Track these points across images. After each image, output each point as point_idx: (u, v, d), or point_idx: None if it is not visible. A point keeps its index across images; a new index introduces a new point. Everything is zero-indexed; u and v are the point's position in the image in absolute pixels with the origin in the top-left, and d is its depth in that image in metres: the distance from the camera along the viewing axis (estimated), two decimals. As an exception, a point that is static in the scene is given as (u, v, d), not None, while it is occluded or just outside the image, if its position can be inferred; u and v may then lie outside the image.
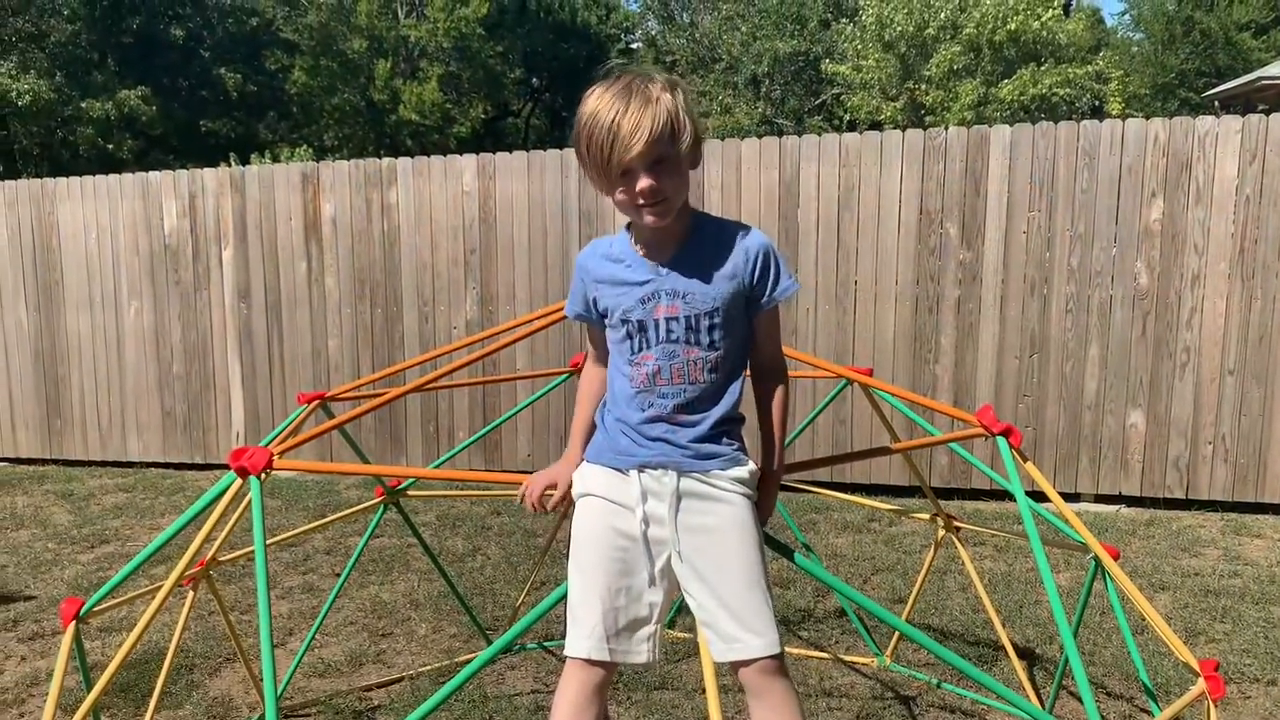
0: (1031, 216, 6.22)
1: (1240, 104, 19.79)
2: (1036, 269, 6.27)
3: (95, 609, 2.94)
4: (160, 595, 2.58)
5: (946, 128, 6.38)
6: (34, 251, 8.05)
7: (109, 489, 7.47)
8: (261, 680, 3.79)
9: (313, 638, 4.11)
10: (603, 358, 2.24)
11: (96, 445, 8.15)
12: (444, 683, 4.12)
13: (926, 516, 4.06)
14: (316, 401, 3.37)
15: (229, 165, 13.70)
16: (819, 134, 6.73)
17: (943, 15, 24.58)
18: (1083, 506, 6.34)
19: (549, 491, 2.23)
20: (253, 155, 24.11)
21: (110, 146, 26.42)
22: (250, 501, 2.84)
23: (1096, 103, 25.80)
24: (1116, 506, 6.38)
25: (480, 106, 37.39)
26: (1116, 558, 3.09)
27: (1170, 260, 6.06)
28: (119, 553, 5.96)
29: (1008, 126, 6.29)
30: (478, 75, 36.87)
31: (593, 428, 2.22)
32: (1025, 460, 2.66)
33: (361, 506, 4.16)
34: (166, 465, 8.05)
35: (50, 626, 4.83)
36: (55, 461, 8.33)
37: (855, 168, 6.46)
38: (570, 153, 7.00)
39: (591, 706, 2.08)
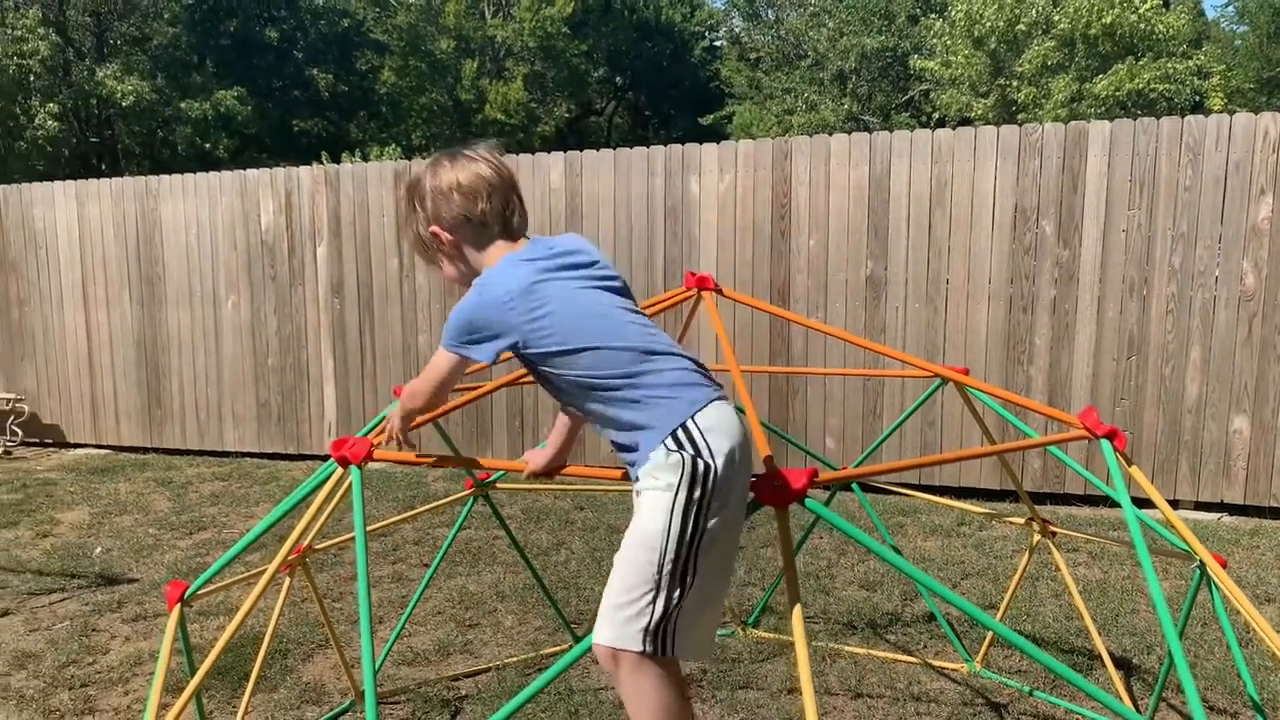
0: (1131, 214, 6.04)
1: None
2: (1136, 269, 6.09)
3: (199, 593, 3.02)
4: (263, 580, 2.64)
5: (1042, 124, 6.22)
6: (137, 246, 8.34)
7: (206, 477, 7.69)
8: (352, 667, 3.87)
9: (403, 626, 4.19)
10: None
11: (195, 435, 8.41)
12: (530, 675, 4.17)
13: (1020, 521, 3.97)
14: (411, 394, 3.42)
15: (321, 163, 14.04)
16: (910, 130, 6.63)
17: (1035, 10, 24.02)
18: (1182, 513, 6.14)
19: None
20: (343, 154, 24.65)
21: (207, 145, 27.25)
22: (344, 491, 2.90)
23: (1197, 98, 24.97)
24: (1218, 514, 6.17)
25: (564, 105, 37.69)
26: (1224, 566, 2.99)
27: (1279, 261, 5.84)
28: (216, 539, 6.14)
29: (1107, 122, 6.12)
30: (562, 74, 37.17)
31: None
32: (1129, 464, 2.58)
33: (451, 498, 4.23)
34: (260, 455, 8.27)
35: (152, 609, 4.99)
36: (156, 450, 8.61)
37: (948, 164, 6.34)
38: (656, 150, 7.01)
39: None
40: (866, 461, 4.69)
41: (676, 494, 1.99)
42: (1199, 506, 6.19)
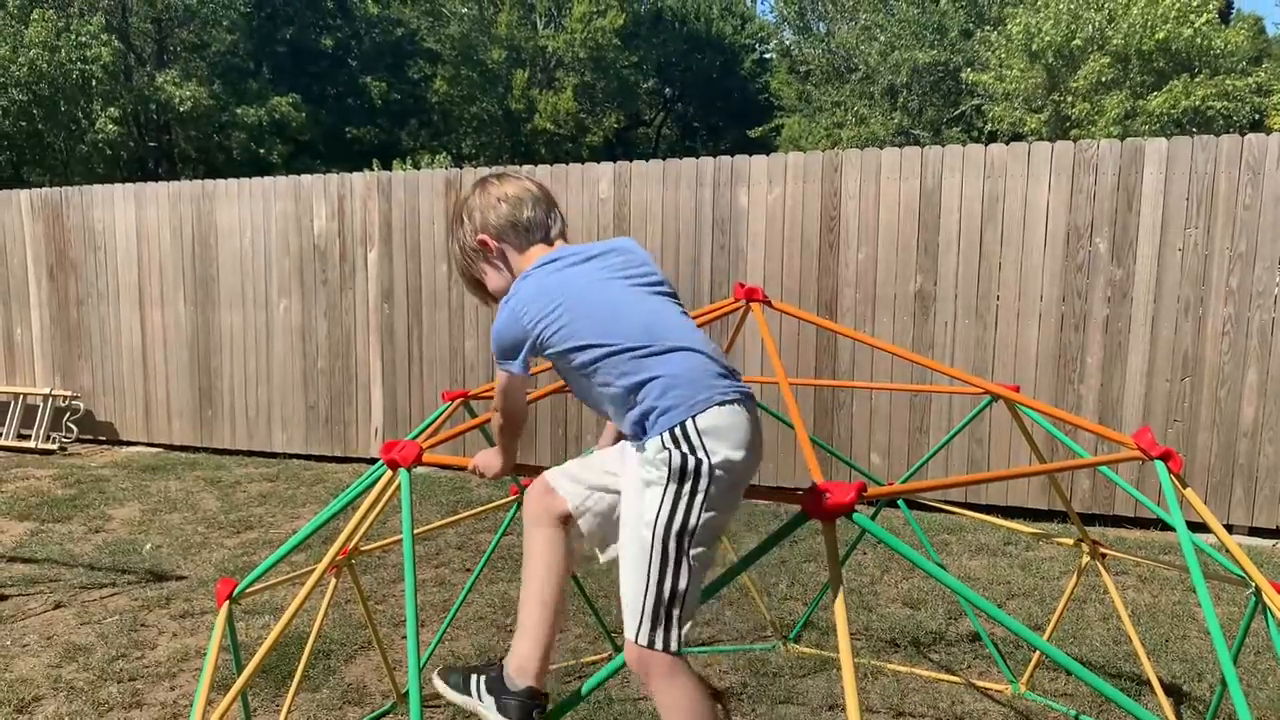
0: (1188, 233, 5.94)
1: None
2: (1191, 288, 5.98)
3: (245, 592, 3.05)
4: (311, 580, 2.67)
5: (1098, 140, 6.14)
6: (193, 249, 8.48)
7: (254, 478, 7.79)
8: (395, 669, 3.89)
9: (446, 629, 4.21)
10: None
11: (244, 435, 8.53)
12: (570, 682, 4.17)
13: (1069, 541, 3.91)
14: (460, 400, 3.45)
15: (374, 170, 14.20)
16: (962, 144, 6.57)
17: (1091, 26, 23.75)
18: (1236, 539, 6.01)
19: None
20: (394, 161, 24.96)
21: (261, 151, 27.67)
22: (392, 493, 2.93)
23: (1257, 116, 24.50)
24: (1274, 541, 6.04)
25: (614, 116, 37.83)
26: (1280, 593, 2.92)
27: (1341, 282, 5.72)
28: (263, 539, 6.21)
29: (1164, 139, 6.03)
30: (612, 85, 37.34)
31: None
32: (1184, 487, 2.53)
33: (494, 504, 4.24)
34: (308, 457, 8.36)
35: (199, 606, 5.06)
36: (206, 450, 8.75)
37: (1000, 179, 6.28)
38: (705, 161, 7.01)
39: None
40: (913, 478, 4.64)
41: (665, 488, 2.04)
42: (1253, 532, 6.07)
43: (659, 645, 2.07)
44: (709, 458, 2.02)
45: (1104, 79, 23.65)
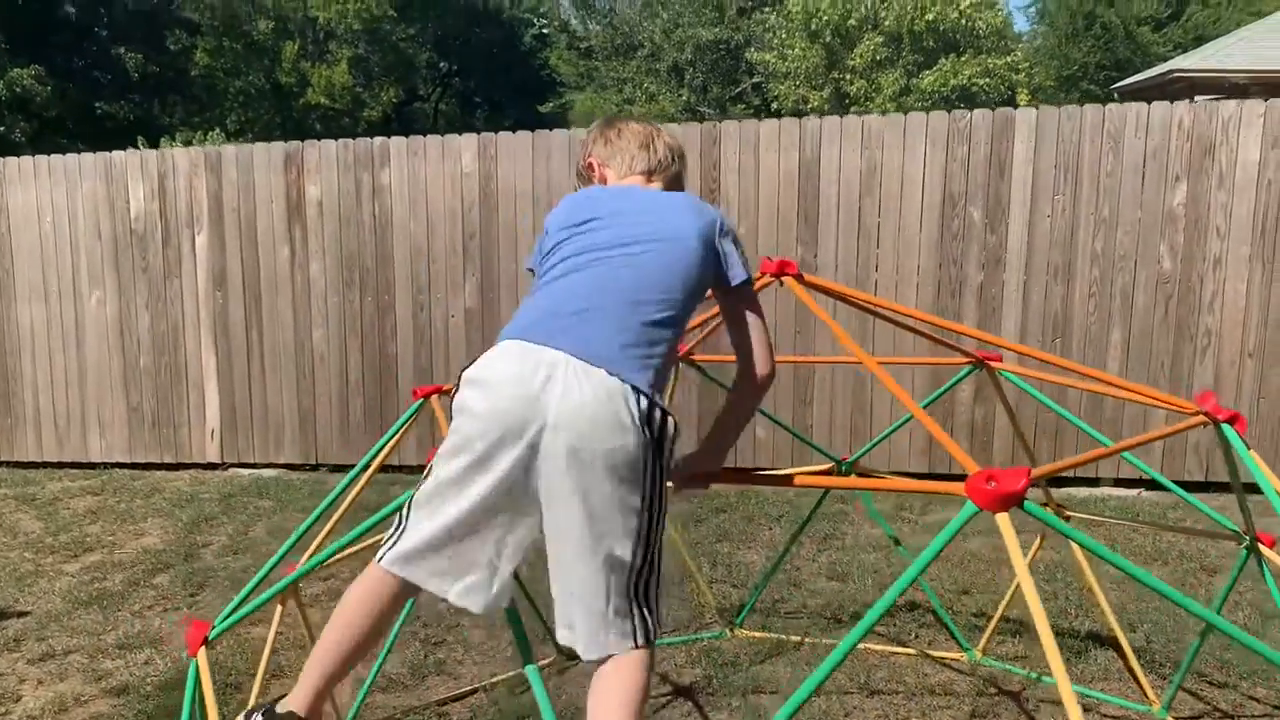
0: (1056, 200, 6.18)
1: (1152, 96, 20.22)
2: (1060, 253, 6.23)
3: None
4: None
5: (970, 111, 6.29)
6: (-23, 237, 7.41)
7: (74, 492, 6.94)
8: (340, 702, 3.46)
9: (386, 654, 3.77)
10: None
11: (53, 444, 7.56)
12: (522, 693, 3.86)
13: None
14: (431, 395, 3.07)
15: (138, 149, 12.88)
16: (840, 116, 6.58)
17: (865, 6, 24.80)
18: (1103, 490, 6.33)
19: None
20: (162, 139, 23.02)
21: (1, 129, 24.92)
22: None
23: (1009, 93, 26.34)
24: (1137, 490, 6.39)
25: (392, 90, 36.44)
26: (1271, 544, 3.01)
27: (1193, 244, 6.08)
28: (109, 561, 5.51)
29: (1034, 109, 6.24)
30: (388, 59, 35.99)
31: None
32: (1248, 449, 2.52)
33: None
34: (133, 465, 7.50)
35: (61, 645, 4.43)
36: (5, 464, 7.70)
37: (878, 150, 6.33)
38: (579, 133, 6.71)
39: None
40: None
41: None
42: (1119, 483, 6.40)
43: None
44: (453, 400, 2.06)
45: (879, 58, 24.76)
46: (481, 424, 1.94)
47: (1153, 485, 6.04)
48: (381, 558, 2.05)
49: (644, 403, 1.94)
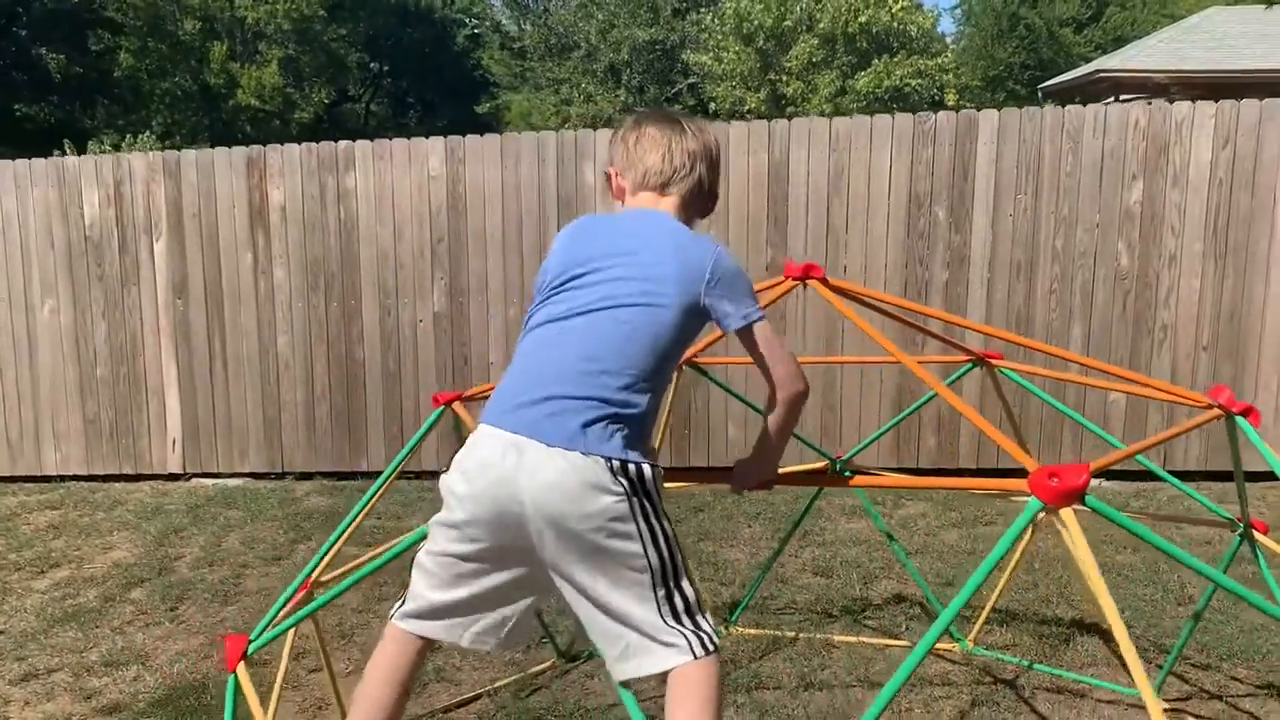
0: (1019, 199, 6.34)
1: (1077, 96, 20.74)
2: (1023, 251, 6.39)
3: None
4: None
5: (935, 113, 6.43)
6: (-79, 245, 7.17)
7: (32, 506, 6.75)
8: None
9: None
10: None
11: (4, 458, 7.34)
12: (529, 697, 3.87)
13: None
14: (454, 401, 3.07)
15: (62, 154, 12.58)
16: (810, 118, 6.67)
17: (799, 8, 25.09)
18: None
19: None
20: (89, 142, 22.39)
21: (-87, 134, 24.09)
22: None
23: (939, 93, 26.87)
24: (1099, 480, 6.58)
25: (323, 91, 35.94)
26: (1265, 531, 3.15)
27: (1149, 241, 6.29)
28: (80, 576, 5.39)
29: (996, 110, 6.39)
30: (319, 59, 35.48)
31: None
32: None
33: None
34: (91, 478, 7.32)
35: (43, 664, 4.32)
36: (-45, 479, 7.46)
37: (846, 152, 6.43)
38: (547, 136, 6.72)
39: None
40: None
41: None
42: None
43: None
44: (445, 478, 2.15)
45: (814, 59, 25.07)
46: (469, 508, 2.06)
47: (1141, 476, 6.19)
48: (393, 616, 2.18)
49: (615, 464, 1.98)
